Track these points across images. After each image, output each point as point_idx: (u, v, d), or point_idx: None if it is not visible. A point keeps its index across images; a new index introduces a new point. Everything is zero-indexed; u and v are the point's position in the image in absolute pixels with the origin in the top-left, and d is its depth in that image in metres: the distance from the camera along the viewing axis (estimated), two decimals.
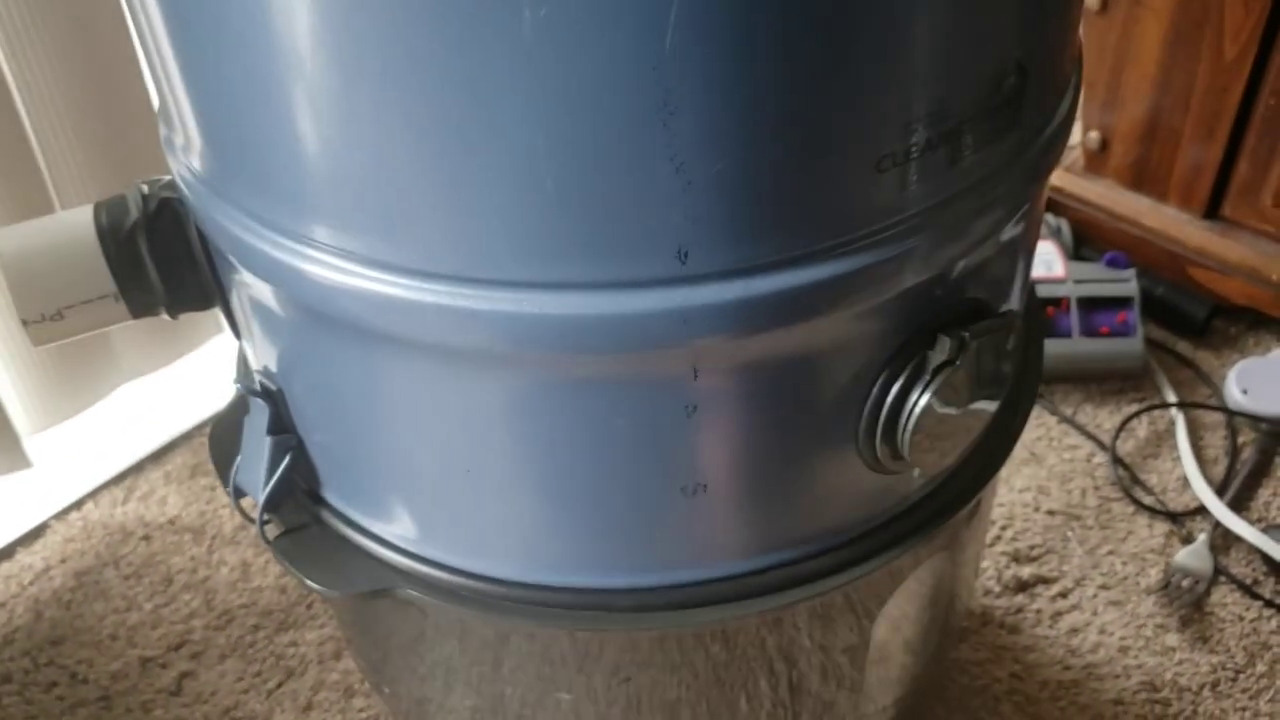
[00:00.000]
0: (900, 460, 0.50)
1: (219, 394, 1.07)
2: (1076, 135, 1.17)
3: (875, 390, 0.48)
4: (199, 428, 1.05)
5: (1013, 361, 0.53)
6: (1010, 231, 0.49)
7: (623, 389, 0.45)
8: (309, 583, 0.54)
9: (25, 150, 0.86)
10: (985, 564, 0.92)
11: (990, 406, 0.51)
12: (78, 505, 0.99)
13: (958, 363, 0.47)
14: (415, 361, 0.46)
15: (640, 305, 0.41)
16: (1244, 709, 0.82)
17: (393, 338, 0.45)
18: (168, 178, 0.55)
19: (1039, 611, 0.89)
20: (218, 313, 1.07)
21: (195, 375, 1.08)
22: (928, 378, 0.47)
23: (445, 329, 0.43)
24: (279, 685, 0.85)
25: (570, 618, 0.52)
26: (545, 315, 0.42)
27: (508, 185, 0.39)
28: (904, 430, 0.48)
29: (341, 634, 0.81)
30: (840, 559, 0.53)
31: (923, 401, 0.47)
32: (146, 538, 0.96)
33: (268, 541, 0.56)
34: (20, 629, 0.90)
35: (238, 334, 0.57)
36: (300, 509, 0.57)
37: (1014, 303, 0.53)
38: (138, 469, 1.02)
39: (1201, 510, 0.95)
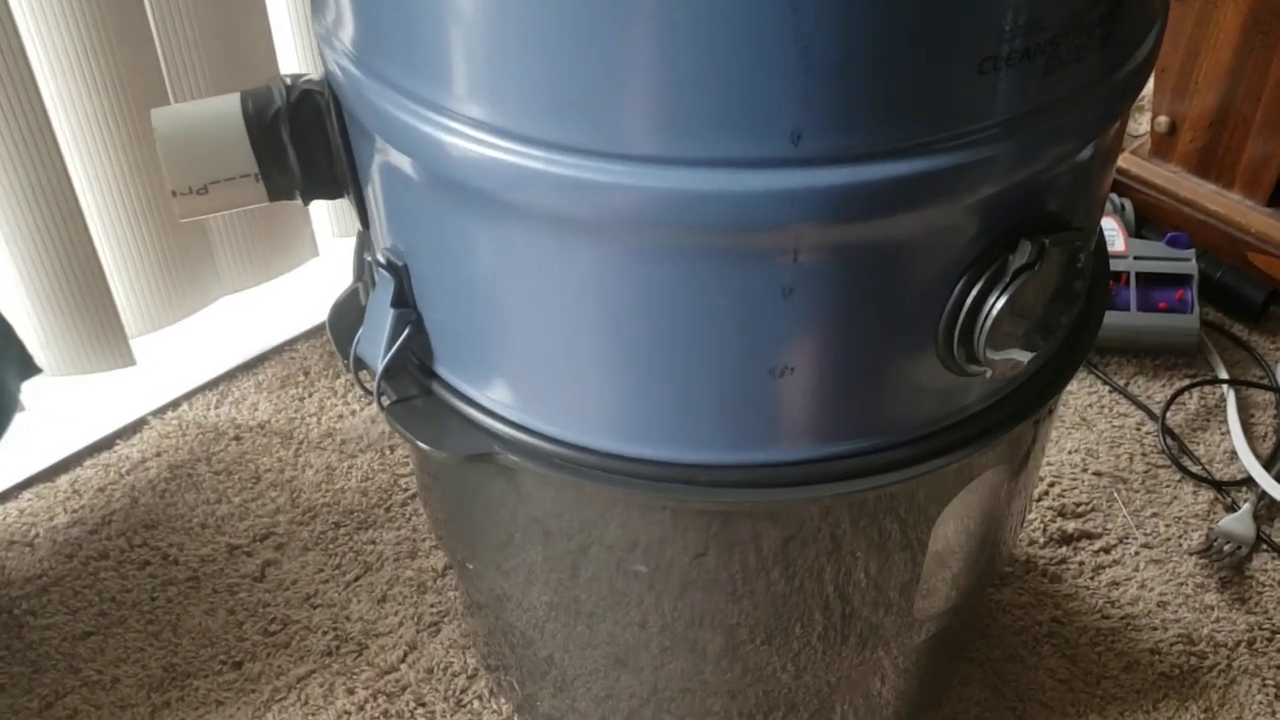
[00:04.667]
0: (975, 363, 0.54)
1: (311, 312, 1.13)
2: (1145, 121, 1.20)
3: (958, 289, 0.51)
4: (290, 343, 1.11)
5: (1084, 280, 0.56)
6: (1093, 150, 0.53)
7: (727, 267, 0.49)
8: (420, 444, 0.59)
9: (149, 47, 0.92)
10: (1031, 516, 0.96)
11: (1061, 320, 0.55)
12: (174, 405, 1.05)
13: (1036, 267, 0.51)
14: (536, 233, 0.50)
15: (752, 184, 0.45)
16: (1279, 667, 0.86)
17: (519, 208, 0.49)
18: (307, 74, 0.60)
19: (1081, 564, 0.93)
20: (313, 238, 1.13)
21: (290, 294, 1.14)
22: (1007, 280, 0.51)
23: (567, 200, 0.48)
24: (356, 578, 0.91)
25: (653, 489, 0.57)
26: (663, 189, 0.46)
27: (644, 60, 0.43)
28: (980, 332, 0.52)
29: (432, 525, 0.85)
30: (908, 454, 0.57)
31: (999, 304, 0.51)
32: (237, 438, 1.02)
33: (383, 408, 0.61)
34: (117, 512, 0.96)
35: (365, 220, 0.62)
36: (411, 382, 0.62)
37: (1090, 221, 0.57)
38: (231, 376, 1.08)
39: (1248, 481, 0.98)
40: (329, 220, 1.15)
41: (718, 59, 0.43)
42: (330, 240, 1.16)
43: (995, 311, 0.51)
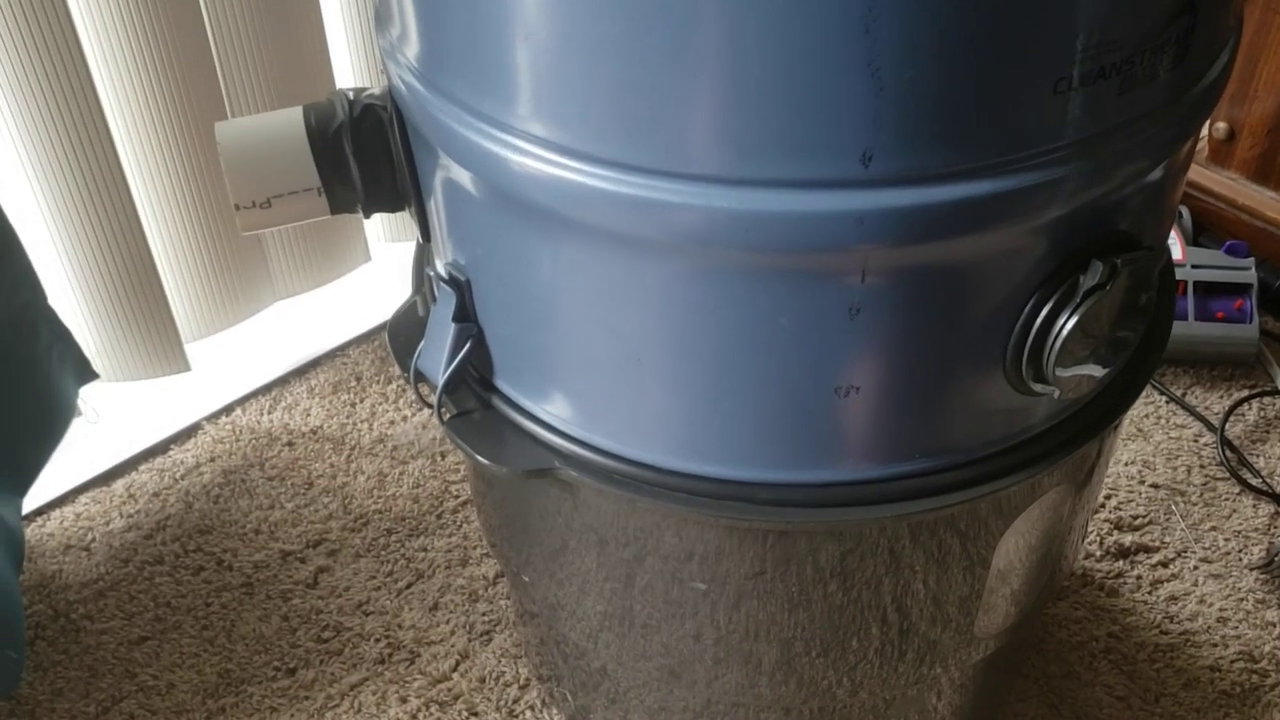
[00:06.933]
0: (1043, 383, 0.53)
1: (363, 318, 1.14)
2: (1203, 127, 1.18)
3: (1027, 310, 0.51)
4: (342, 348, 1.12)
5: (1151, 294, 0.55)
6: (1165, 170, 0.52)
7: (794, 287, 0.49)
8: (480, 459, 0.59)
9: (206, 58, 0.93)
10: (1088, 529, 0.94)
11: (1129, 336, 0.54)
12: (227, 410, 1.06)
13: (1108, 288, 0.50)
14: (601, 251, 0.50)
15: (822, 205, 0.45)
16: None
17: (584, 226, 0.49)
18: (369, 88, 0.60)
19: (1139, 578, 0.91)
20: (365, 243, 1.13)
21: (342, 299, 1.14)
22: (1077, 300, 0.50)
23: (633, 219, 0.47)
24: (408, 586, 0.91)
25: (713, 506, 0.56)
26: (731, 210, 0.45)
27: (714, 80, 0.43)
28: (1050, 352, 0.51)
29: (484, 532, 0.86)
30: (972, 474, 0.57)
31: (1070, 324, 0.50)
32: (290, 444, 1.02)
33: (443, 421, 0.61)
34: (172, 517, 0.96)
35: (426, 234, 0.62)
36: (471, 396, 0.62)
37: (1160, 238, 0.56)
38: (284, 381, 1.09)
39: None
40: (381, 225, 1.16)
41: (789, 81, 0.42)
42: (382, 245, 1.16)
43: (1065, 332, 0.51)
